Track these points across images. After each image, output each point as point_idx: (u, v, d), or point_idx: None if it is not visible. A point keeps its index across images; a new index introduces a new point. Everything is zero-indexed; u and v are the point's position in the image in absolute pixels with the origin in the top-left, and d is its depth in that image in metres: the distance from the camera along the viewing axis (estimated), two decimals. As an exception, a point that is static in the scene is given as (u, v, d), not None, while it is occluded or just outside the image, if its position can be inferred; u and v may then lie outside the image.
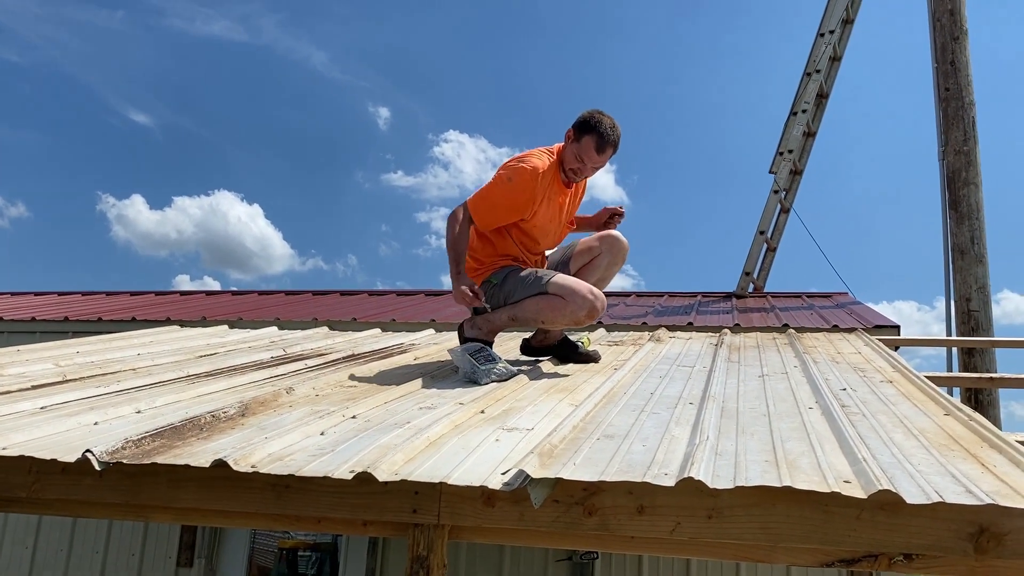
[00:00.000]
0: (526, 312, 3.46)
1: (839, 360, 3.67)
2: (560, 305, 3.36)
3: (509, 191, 3.44)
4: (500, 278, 3.55)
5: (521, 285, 3.48)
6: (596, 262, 3.71)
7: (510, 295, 3.51)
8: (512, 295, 3.51)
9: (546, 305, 3.40)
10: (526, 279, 3.48)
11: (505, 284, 3.54)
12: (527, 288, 3.46)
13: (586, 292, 3.36)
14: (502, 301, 3.55)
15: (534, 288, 3.44)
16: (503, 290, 3.54)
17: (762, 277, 8.00)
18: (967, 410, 2.32)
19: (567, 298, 3.35)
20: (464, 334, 3.62)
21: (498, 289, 3.56)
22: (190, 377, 3.36)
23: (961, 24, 6.75)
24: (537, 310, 3.43)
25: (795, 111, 8.17)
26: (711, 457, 1.81)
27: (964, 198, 6.44)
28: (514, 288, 3.50)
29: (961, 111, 6.60)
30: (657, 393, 2.83)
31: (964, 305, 6.25)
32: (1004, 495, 1.53)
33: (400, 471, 1.78)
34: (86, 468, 1.88)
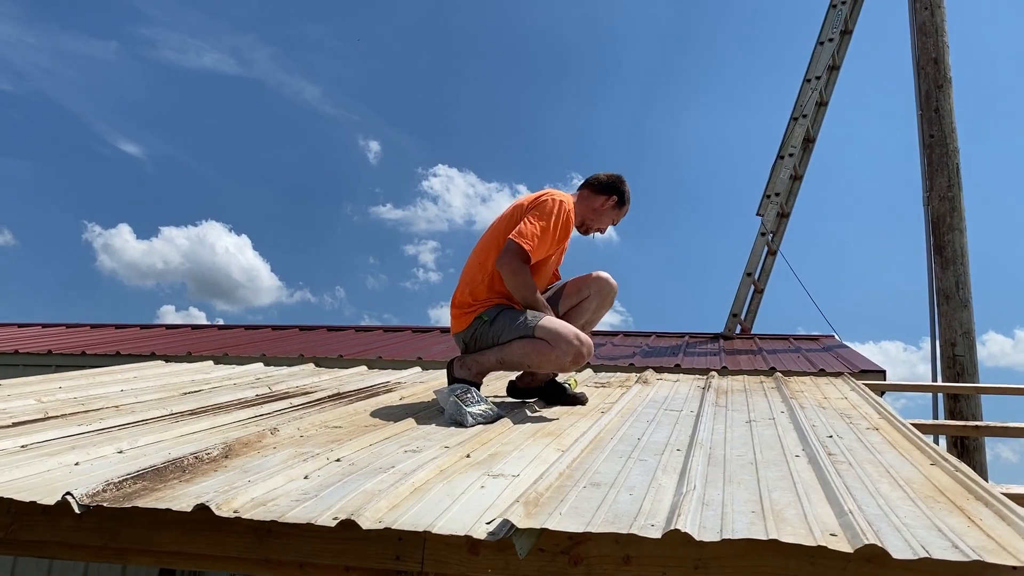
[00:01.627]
0: (513, 356, 3.46)
1: (826, 406, 3.67)
2: (546, 350, 3.37)
3: (557, 227, 3.52)
4: (491, 316, 3.54)
5: (510, 326, 3.47)
6: (584, 305, 3.74)
7: (499, 335, 3.50)
8: (501, 335, 3.50)
9: (532, 349, 3.40)
10: (515, 320, 3.47)
11: (495, 322, 3.53)
12: (515, 330, 3.45)
13: (572, 338, 3.36)
14: (491, 340, 3.53)
15: (522, 330, 3.43)
16: (492, 328, 3.53)
17: (749, 318, 8.03)
18: (953, 460, 2.32)
19: (553, 343, 3.36)
20: (453, 374, 3.59)
21: (487, 327, 3.54)
22: (173, 415, 3.33)
23: (945, 72, 6.87)
24: (524, 354, 3.43)
25: (782, 155, 8.28)
26: (698, 507, 1.80)
27: (949, 243, 6.51)
28: (503, 328, 3.49)
29: (945, 157, 6.69)
30: (644, 439, 2.82)
31: (949, 350, 6.29)
32: (990, 551, 1.52)
33: (384, 518, 1.76)
34: (66, 510, 1.86)
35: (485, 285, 3.59)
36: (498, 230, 3.62)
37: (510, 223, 3.56)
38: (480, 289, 3.60)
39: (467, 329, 3.61)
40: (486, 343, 3.56)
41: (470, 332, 3.60)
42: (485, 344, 3.56)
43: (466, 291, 3.61)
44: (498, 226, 3.64)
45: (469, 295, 3.61)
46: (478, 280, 3.60)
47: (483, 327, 3.56)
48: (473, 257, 3.69)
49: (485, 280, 3.59)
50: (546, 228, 3.49)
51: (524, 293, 3.49)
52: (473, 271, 3.63)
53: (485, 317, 3.56)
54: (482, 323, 3.57)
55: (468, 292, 3.61)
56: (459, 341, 3.71)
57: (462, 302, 3.62)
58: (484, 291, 3.60)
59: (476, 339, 3.58)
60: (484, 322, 3.56)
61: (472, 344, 3.61)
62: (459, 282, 3.71)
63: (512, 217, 3.59)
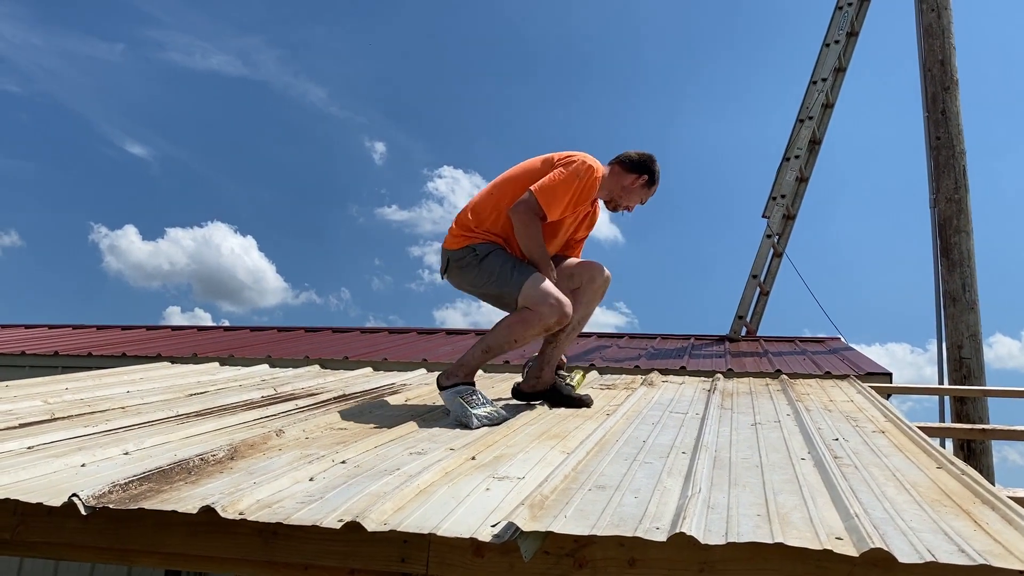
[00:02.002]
0: (498, 337, 3.48)
1: (831, 408, 3.66)
2: (531, 318, 3.42)
3: (578, 189, 3.53)
4: (484, 252, 3.56)
5: (498, 274, 3.51)
6: (576, 296, 3.73)
7: (481, 280, 3.55)
8: (486, 278, 3.54)
9: (516, 321, 3.45)
10: (504, 270, 3.50)
11: (483, 264, 3.54)
12: (501, 281, 3.49)
13: (552, 300, 3.41)
14: (472, 277, 3.58)
15: (505, 284, 3.48)
16: (479, 268, 3.55)
17: (755, 321, 8.01)
18: (960, 463, 2.31)
19: (534, 308, 3.41)
20: (441, 384, 3.48)
21: (475, 262, 3.56)
22: (179, 417, 3.33)
23: (952, 74, 6.85)
24: (509, 331, 3.47)
25: (788, 157, 8.26)
26: (703, 511, 1.80)
27: (955, 245, 6.49)
28: (491, 272, 3.52)
29: (952, 160, 6.67)
30: (649, 441, 2.81)
31: (956, 352, 6.27)
32: (997, 555, 1.52)
33: (389, 521, 1.76)
34: (72, 511, 1.86)
35: (491, 219, 3.60)
36: (523, 176, 3.61)
37: (536, 174, 3.57)
38: (486, 219, 3.61)
39: (457, 251, 3.61)
40: (466, 277, 3.61)
41: (457, 256, 3.60)
42: (465, 276, 3.61)
43: (472, 214, 3.64)
44: (525, 172, 3.64)
45: (473, 218, 3.63)
46: (488, 211, 3.61)
47: (471, 260, 3.57)
48: (492, 189, 3.69)
49: (492, 215, 3.60)
50: (567, 188, 3.50)
51: (531, 246, 3.51)
52: (486, 201, 3.64)
53: (477, 251, 3.56)
54: (472, 255, 3.57)
55: (474, 215, 3.63)
56: (443, 257, 3.71)
57: (464, 222, 3.64)
58: (488, 223, 3.61)
59: (460, 267, 3.61)
60: (474, 255, 3.56)
61: (454, 268, 3.63)
62: (470, 202, 3.72)
63: (540, 169, 3.59)
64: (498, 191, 3.65)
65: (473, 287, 3.66)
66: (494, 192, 3.66)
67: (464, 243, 3.60)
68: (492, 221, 3.61)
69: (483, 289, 3.62)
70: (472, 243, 3.58)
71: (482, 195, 3.70)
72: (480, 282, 3.59)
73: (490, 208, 3.62)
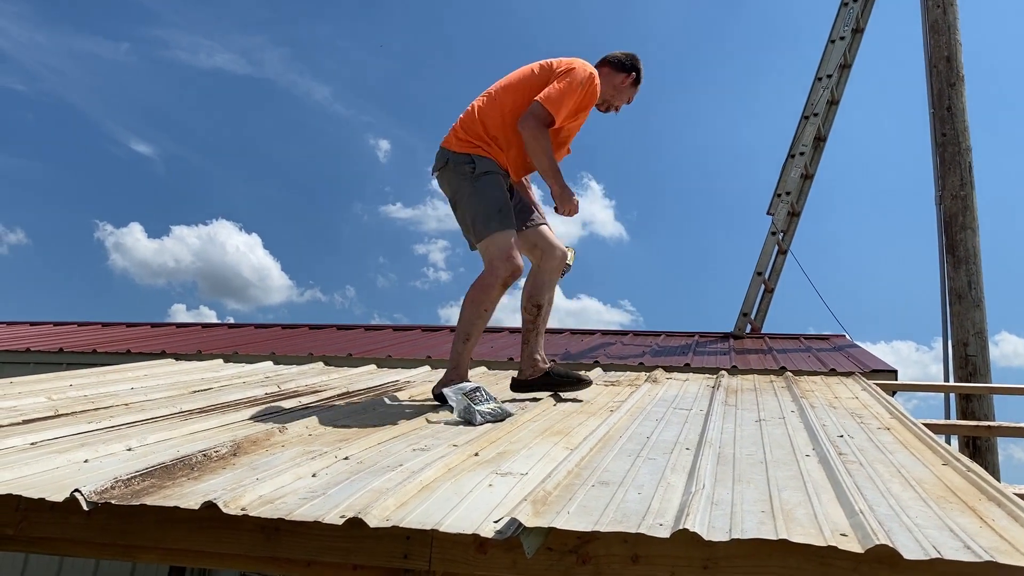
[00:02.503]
0: (469, 317, 3.61)
1: (836, 405, 3.65)
2: (486, 280, 3.58)
3: (583, 95, 3.67)
4: (482, 169, 3.65)
5: (480, 208, 3.62)
6: (539, 273, 3.88)
7: (469, 197, 3.65)
8: (468, 200, 3.65)
9: (476, 293, 3.60)
10: (486, 209, 3.61)
11: (478, 182, 3.64)
12: (478, 215, 3.61)
13: (505, 256, 3.55)
14: (458, 184, 3.68)
15: (478, 222, 3.61)
16: (473, 185, 3.64)
17: (759, 318, 8.00)
18: (965, 460, 2.30)
19: (489, 264, 3.59)
20: (435, 391, 3.63)
21: (470, 173, 3.65)
22: (183, 413, 3.33)
23: (958, 71, 6.83)
24: (474, 305, 3.59)
25: (793, 153, 8.24)
26: (707, 507, 1.79)
27: (961, 242, 6.46)
28: (477, 198, 3.63)
29: (958, 156, 6.64)
30: (653, 437, 2.81)
31: (962, 350, 6.25)
32: (1003, 551, 1.51)
33: (392, 517, 1.76)
34: (74, 507, 1.86)
35: (495, 124, 3.69)
36: (522, 85, 3.72)
37: (535, 81, 3.68)
38: (491, 125, 3.69)
39: (459, 154, 3.69)
40: (454, 183, 3.70)
41: (457, 160, 3.69)
42: (453, 181, 3.70)
43: (480, 118, 3.72)
44: (522, 80, 3.74)
45: (481, 124, 3.71)
46: (493, 116, 3.70)
47: (467, 171, 3.66)
48: (494, 95, 3.77)
49: (497, 119, 3.69)
50: (572, 95, 3.62)
51: (542, 159, 3.61)
52: (489, 107, 3.73)
53: (476, 166, 3.65)
54: (471, 166, 3.66)
55: (480, 121, 3.71)
56: (440, 156, 3.78)
57: (470, 127, 3.72)
58: (493, 127, 3.69)
59: (454, 171, 3.69)
60: (472, 168, 3.65)
61: (450, 168, 3.71)
62: (474, 109, 3.78)
63: (539, 76, 3.70)
64: (500, 97, 3.74)
65: (455, 195, 3.75)
66: (496, 98, 3.75)
67: (467, 149, 3.69)
68: (496, 125, 3.69)
69: (461, 205, 3.71)
70: (475, 153, 3.68)
71: (484, 102, 3.77)
72: (461, 196, 3.70)
73: (495, 114, 3.71)
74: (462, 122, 3.76)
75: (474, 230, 3.65)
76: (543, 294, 3.84)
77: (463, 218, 3.74)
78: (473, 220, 3.64)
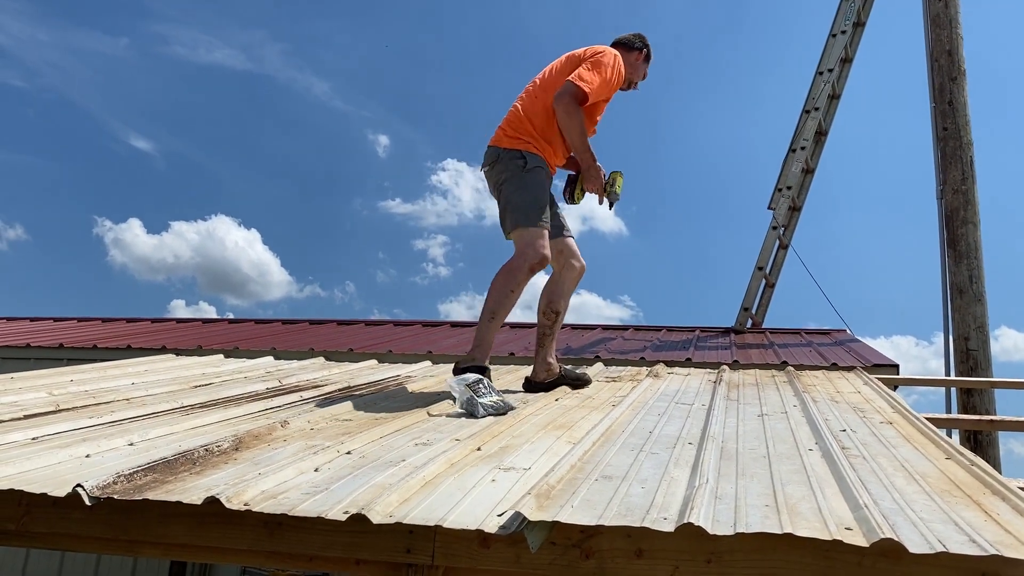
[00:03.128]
0: (497, 297, 3.79)
1: (838, 400, 3.64)
2: (514, 265, 3.81)
3: (612, 76, 3.95)
4: (532, 164, 3.90)
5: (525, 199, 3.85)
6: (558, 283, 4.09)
7: (517, 188, 3.86)
8: (517, 190, 3.86)
9: (504, 276, 3.80)
10: (530, 201, 3.85)
11: (527, 175, 3.87)
12: (520, 205, 3.84)
13: (535, 247, 3.80)
14: (508, 176, 3.88)
15: (518, 211, 3.84)
16: (522, 176, 3.87)
17: (760, 313, 7.99)
18: (969, 454, 2.29)
19: (519, 251, 3.82)
20: (458, 367, 3.73)
21: (520, 167, 3.87)
22: (184, 408, 3.33)
23: (959, 65, 6.81)
24: (503, 286, 3.79)
25: (794, 148, 8.22)
26: (711, 501, 1.78)
27: (962, 237, 6.45)
28: (524, 190, 3.86)
29: (959, 151, 6.63)
30: (656, 432, 2.80)
31: (963, 344, 6.24)
32: (1008, 545, 1.50)
33: (395, 512, 1.75)
34: (76, 502, 1.86)
35: (541, 120, 3.93)
36: (560, 78, 3.93)
37: (569, 70, 3.91)
38: (537, 122, 3.93)
39: (510, 150, 3.91)
40: (504, 175, 3.90)
41: (508, 155, 3.90)
42: (503, 174, 3.90)
43: (526, 116, 3.95)
44: (559, 74, 3.97)
45: (528, 121, 3.94)
46: (538, 113, 3.93)
47: (518, 164, 3.89)
48: (536, 94, 4.00)
49: (542, 116, 3.92)
50: (604, 75, 3.90)
51: (575, 134, 3.88)
52: (536, 105, 3.95)
53: (526, 161, 3.89)
54: (521, 161, 3.88)
55: (527, 118, 3.94)
56: (490, 153, 3.99)
57: (518, 124, 3.95)
58: (539, 123, 3.93)
59: (505, 166, 3.89)
60: (522, 162, 3.88)
61: (500, 164, 3.91)
62: (520, 108, 4.01)
63: (571, 65, 3.97)
64: (541, 95, 3.98)
65: (503, 186, 3.92)
66: (538, 96, 3.99)
67: (517, 145, 3.92)
68: (542, 120, 3.93)
69: (505, 193, 3.91)
70: (525, 149, 3.91)
71: (527, 101, 4.01)
72: (507, 186, 3.90)
73: (539, 109, 3.95)
74: (509, 122, 3.99)
75: (511, 218, 3.86)
76: (561, 301, 4.05)
77: (504, 205, 3.92)
78: (514, 209, 3.85)
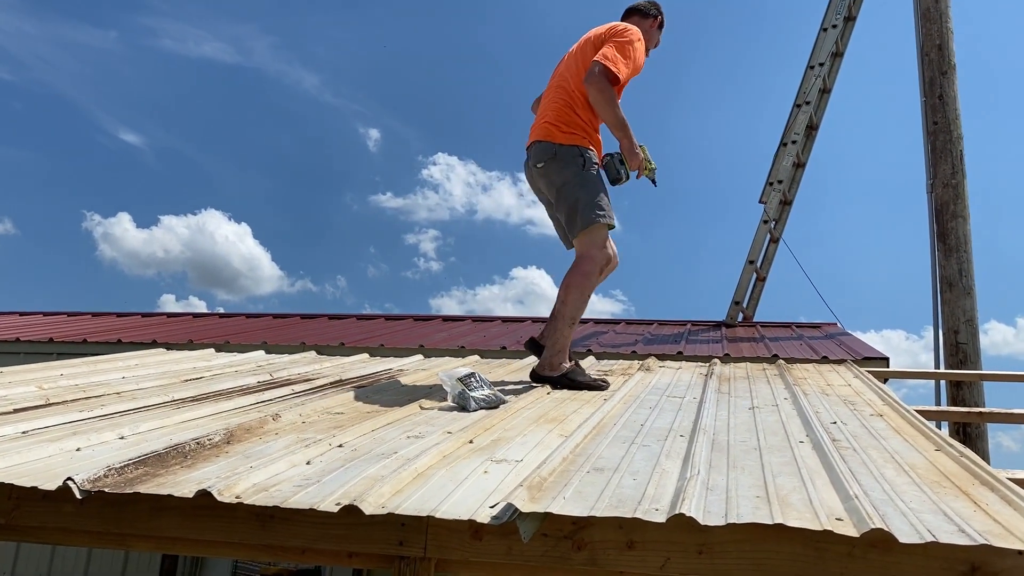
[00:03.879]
0: (576, 303, 3.78)
1: (829, 392, 3.66)
2: (587, 268, 3.79)
3: (636, 52, 3.91)
4: (592, 161, 3.87)
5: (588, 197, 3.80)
6: None
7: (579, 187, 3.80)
8: (579, 189, 3.80)
9: (579, 281, 3.78)
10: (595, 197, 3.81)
11: (588, 173, 3.83)
12: (584, 204, 3.79)
13: (603, 246, 3.83)
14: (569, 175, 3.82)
15: (584, 211, 3.78)
16: (583, 173, 3.82)
17: (751, 306, 8.01)
18: (958, 446, 2.31)
19: (588, 252, 3.81)
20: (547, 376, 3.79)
21: (581, 165, 3.82)
22: (175, 402, 3.32)
23: (949, 59, 6.82)
24: (581, 292, 3.78)
25: (785, 142, 8.24)
26: (702, 492, 1.79)
27: (952, 231, 6.48)
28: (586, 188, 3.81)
29: (949, 145, 6.65)
30: (647, 425, 2.81)
31: (952, 337, 6.26)
32: (996, 535, 1.51)
33: (387, 504, 1.75)
34: (67, 495, 1.85)
35: (586, 109, 3.87)
36: (578, 60, 3.93)
37: (589, 52, 3.88)
38: (582, 111, 3.87)
39: (568, 146, 3.84)
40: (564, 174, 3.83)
41: (566, 152, 3.83)
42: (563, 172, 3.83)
43: (572, 107, 3.88)
44: (586, 59, 3.88)
45: (575, 112, 3.88)
46: (582, 105, 3.86)
47: (579, 162, 3.82)
48: (572, 88, 3.92)
49: (585, 107, 3.86)
50: (629, 51, 3.86)
51: (609, 110, 3.79)
52: (573, 98, 3.89)
53: (587, 161, 3.83)
54: (581, 158, 3.83)
55: (575, 111, 3.88)
56: (544, 149, 3.89)
57: (568, 118, 3.87)
58: (584, 113, 3.87)
59: (564, 162, 3.83)
60: (583, 159, 3.83)
61: (557, 161, 3.84)
62: (556, 99, 3.97)
63: (591, 48, 3.90)
64: (578, 86, 3.88)
65: (561, 185, 3.85)
66: (578, 87, 3.88)
67: (575, 141, 3.85)
68: (589, 113, 3.88)
69: (567, 192, 3.83)
70: (583, 145, 3.85)
71: (565, 94, 3.94)
72: (569, 185, 3.83)
73: (582, 101, 3.88)
74: (558, 115, 3.90)
75: (580, 216, 3.79)
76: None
77: (567, 205, 3.85)
78: (581, 206, 3.79)
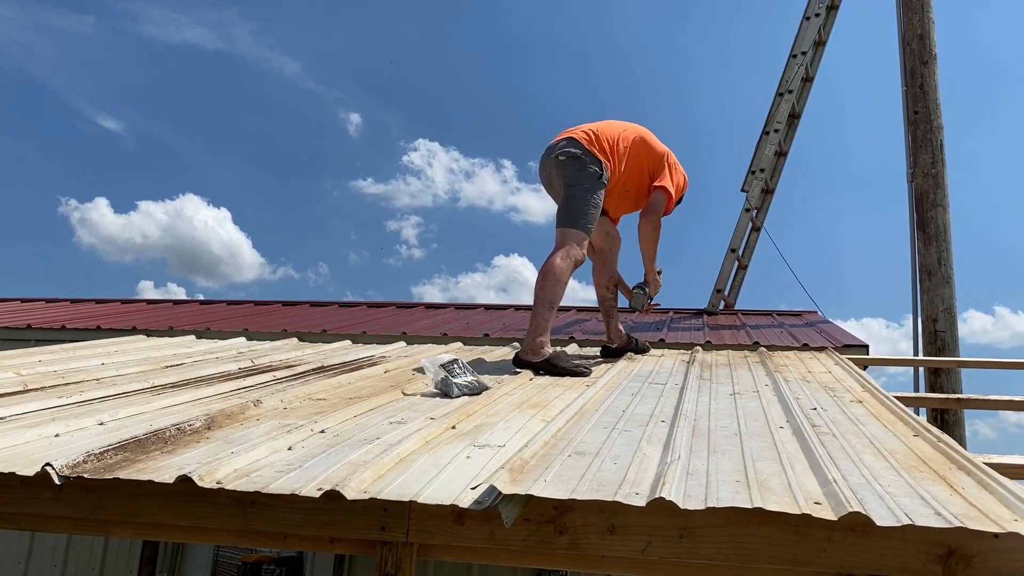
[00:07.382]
0: (553, 292, 3.99)
1: (809, 379, 3.69)
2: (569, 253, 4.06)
3: None
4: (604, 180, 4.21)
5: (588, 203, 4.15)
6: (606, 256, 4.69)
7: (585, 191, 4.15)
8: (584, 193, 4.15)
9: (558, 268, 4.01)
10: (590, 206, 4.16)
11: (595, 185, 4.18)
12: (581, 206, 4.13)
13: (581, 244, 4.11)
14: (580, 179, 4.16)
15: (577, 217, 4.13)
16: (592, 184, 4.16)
17: (733, 294, 8.04)
18: (936, 431, 2.33)
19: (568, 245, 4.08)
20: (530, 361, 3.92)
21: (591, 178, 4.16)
22: (155, 388, 3.30)
23: (930, 48, 6.85)
24: (555, 278, 3.99)
25: (767, 130, 8.25)
26: (682, 476, 1.80)
27: (932, 220, 6.52)
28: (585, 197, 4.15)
29: (929, 134, 6.69)
30: (629, 410, 2.82)
31: (931, 325, 6.32)
32: (972, 518, 1.53)
33: (369, 489, 1.75)
34: (45, 482, 1.83)
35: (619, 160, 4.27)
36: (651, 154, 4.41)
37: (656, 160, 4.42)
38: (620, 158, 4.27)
39: (591, 157, 4.17)
40: (576, 176, 4.17)
41: (588, 160, 4.16)
42: (577, 175, 4.17)
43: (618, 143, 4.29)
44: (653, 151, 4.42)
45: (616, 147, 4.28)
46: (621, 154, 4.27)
47: (590, 174, 4.16)
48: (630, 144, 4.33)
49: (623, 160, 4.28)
50: (676, 177, 4.48)
51: (652, 245, 4.51)
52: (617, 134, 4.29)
53: (602, 177, 4.18)
54: (594, 172, 4.16)
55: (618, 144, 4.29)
56: (574, 147, 4.20)
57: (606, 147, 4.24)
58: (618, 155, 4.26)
59: (580, 167, 4.16)
60: (595, 174, 4.16)
61: (577, 162, 4.16)
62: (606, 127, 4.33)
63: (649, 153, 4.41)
64: (632, 147, 4.34)
65: (571, 182, 4.18)
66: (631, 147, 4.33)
67: (599, 155, 4.20)
68: (618, 159, 4.27)
69: (572, 193, 4.17)
70: (605, 164, 4.20)
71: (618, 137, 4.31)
72: (577, 187, 4.16)
73: (622, 155, 4.29)
74: (600, 133, 4.26)
75: (568, 216, 4.13)
76: (617, 273, 4.69)
77: (567, 202, 4.19)
78: (576, 211, 4.13)
